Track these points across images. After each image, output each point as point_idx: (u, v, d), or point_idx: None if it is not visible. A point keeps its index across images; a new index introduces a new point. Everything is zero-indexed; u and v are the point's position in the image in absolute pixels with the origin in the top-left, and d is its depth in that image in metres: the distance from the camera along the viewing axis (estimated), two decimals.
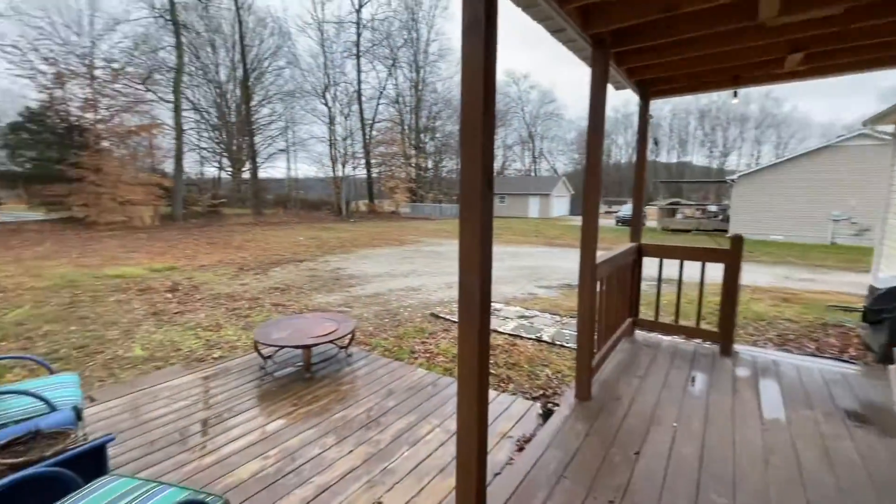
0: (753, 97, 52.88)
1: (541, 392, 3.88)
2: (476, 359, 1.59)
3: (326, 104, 34.59)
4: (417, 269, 10.81)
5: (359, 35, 35.47)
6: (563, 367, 4.42)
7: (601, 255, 2.98)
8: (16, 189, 26.42)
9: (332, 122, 34.64)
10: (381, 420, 2.95)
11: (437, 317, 6.48)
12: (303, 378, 3.58)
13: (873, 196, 14.62)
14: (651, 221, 23.80)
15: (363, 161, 36.37)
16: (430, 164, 44.46)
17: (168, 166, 26.06)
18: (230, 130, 33.75)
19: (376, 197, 38.52)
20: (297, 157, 50.88)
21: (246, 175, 33.57)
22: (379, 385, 3.49)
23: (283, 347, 3.52)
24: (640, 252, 4.11)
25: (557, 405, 2.97)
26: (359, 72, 36.02)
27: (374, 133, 37.29)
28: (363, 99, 36.40)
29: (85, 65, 21.79)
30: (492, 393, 3.43)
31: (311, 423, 2.89)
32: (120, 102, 22.06)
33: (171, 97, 25.50)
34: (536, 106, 59.66)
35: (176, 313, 6.59)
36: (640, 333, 4.24)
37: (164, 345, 5.28)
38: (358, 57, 35.78)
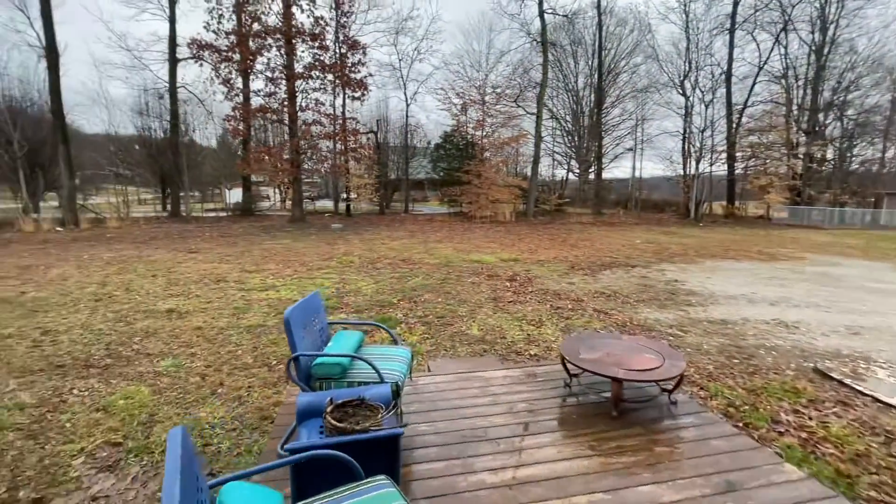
0: None
1: None
2: None
3: (684, 93, 30.96)
4: (793, 297, 7.88)
5: (736, 3, 29.72)
6: None
7: None
8: (436, 190, 37.99)
9: (688, 113, 30.77)
10: None
11: (827, 376, 4.36)
12: (609, 415, 2.98)
13: None
14: None
15: (724, 155, 30.57)
16: (829, 153, 32.51)
17: (527, 170, 30.42)
18: (581, 135, 35.79)
19: (739, 197, 31.73)
20: (643, 155, 48.61)
21: (591, 176, 34.90)
22: (713, 467, 2.44)
23: (588, 371, 3.03)
24: None
25: None
26: (731, 48, 30.40)
27: (744, 120, 30.64)
28: (733, 80, 30.46)
29: (479, 93, 28.12)
30: None
31: (607, 484, 2.28)
32: (499, 120, 27.61)
33: (534, 109, 29.31)
34: None
35: (510, 302, 7.26)
36: None
37: (495, 329, 5.84)
38: (732, 31, 30.16)
